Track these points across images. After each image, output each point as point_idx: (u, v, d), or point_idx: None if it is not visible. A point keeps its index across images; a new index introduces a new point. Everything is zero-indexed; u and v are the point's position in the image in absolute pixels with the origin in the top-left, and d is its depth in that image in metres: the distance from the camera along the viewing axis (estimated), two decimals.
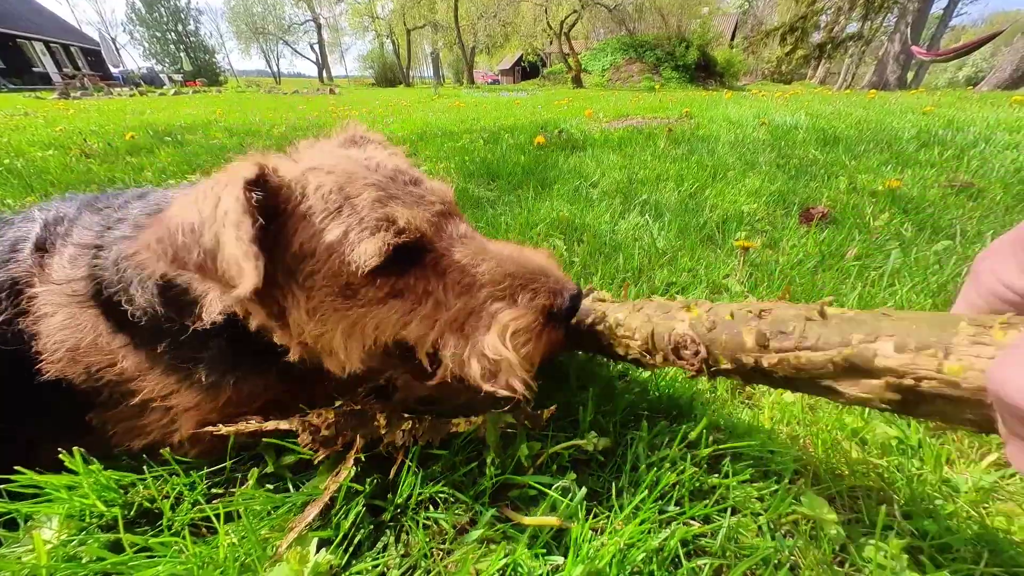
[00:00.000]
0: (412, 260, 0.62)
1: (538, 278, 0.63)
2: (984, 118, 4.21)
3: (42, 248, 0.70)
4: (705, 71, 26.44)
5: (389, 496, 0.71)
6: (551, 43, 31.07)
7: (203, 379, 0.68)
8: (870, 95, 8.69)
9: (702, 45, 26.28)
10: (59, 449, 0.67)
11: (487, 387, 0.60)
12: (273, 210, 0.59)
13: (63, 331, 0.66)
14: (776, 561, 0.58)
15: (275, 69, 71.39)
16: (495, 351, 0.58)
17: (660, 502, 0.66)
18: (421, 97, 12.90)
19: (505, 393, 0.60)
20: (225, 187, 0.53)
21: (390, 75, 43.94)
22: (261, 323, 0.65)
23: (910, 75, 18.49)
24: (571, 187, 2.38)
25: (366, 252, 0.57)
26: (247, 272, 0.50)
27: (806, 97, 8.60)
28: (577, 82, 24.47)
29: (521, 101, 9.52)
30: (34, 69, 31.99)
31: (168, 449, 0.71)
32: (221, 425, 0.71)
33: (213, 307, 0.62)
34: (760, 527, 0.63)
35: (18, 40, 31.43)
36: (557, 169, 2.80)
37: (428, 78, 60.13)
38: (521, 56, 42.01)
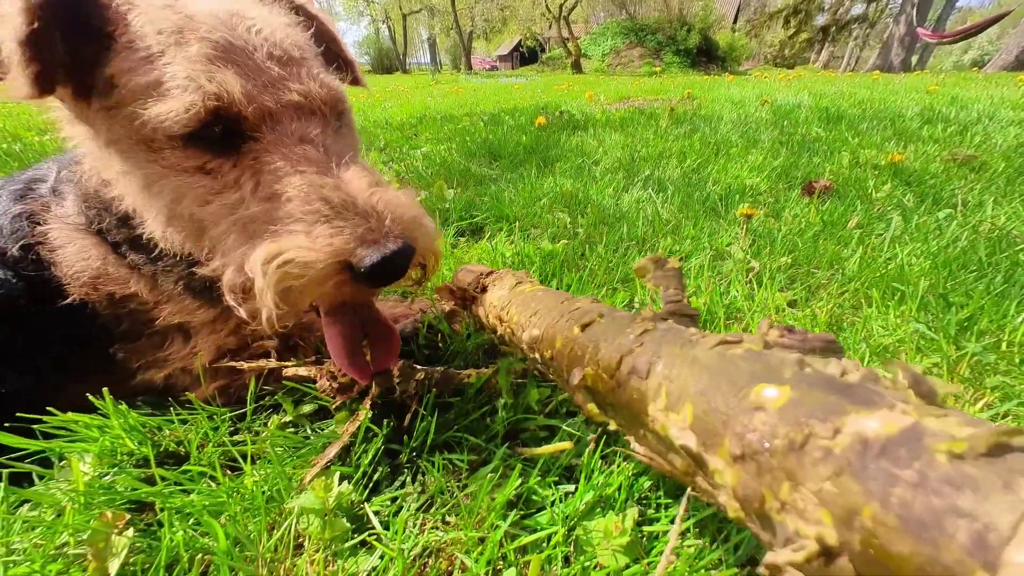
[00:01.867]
0: (231, 143, 0.54)
1: (359, 219, 0.52)
2: (989, 96, 4.18)
3: (57, 191, 0.74)
4: (707, 56, 26.04)
5: (405, 440, 0.74)
6: (550, 27, 30.51)
7: (196, 289, 0.71)
8: (874, 76, 8.58)
9: (704, 29, 25.83)
10: (85, 389, 0.69)
11: (229, 299, 0.55)
12: (101, 24, 0.52)
13: (81, 261, 0.70)
14: None
15: None
16: (251, 269, 0.51)
17: None
18: (419, 83, 12.73)
19: (242, 315, 0.55)
20: None
21: (386, 62, 43.22)
22: (90, 148, 0.61)
23: (915, 58, 18.23)
24: (574, 165, 2.38)
25: (175, 107, 0.49)
26: (17, 73, 0.47)
27: (809, 79, 8.50)
28: (577, 67, 24.11)
29: (520, 86, 9.40)
30: None
31: (189, 392, 0.74)
32: (243, 363, 0.74)
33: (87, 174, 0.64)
34: None
35: None
36: (559, 148, 2.79)
37: (425, 65, 59.11)
38: (519, 41, 41.30)
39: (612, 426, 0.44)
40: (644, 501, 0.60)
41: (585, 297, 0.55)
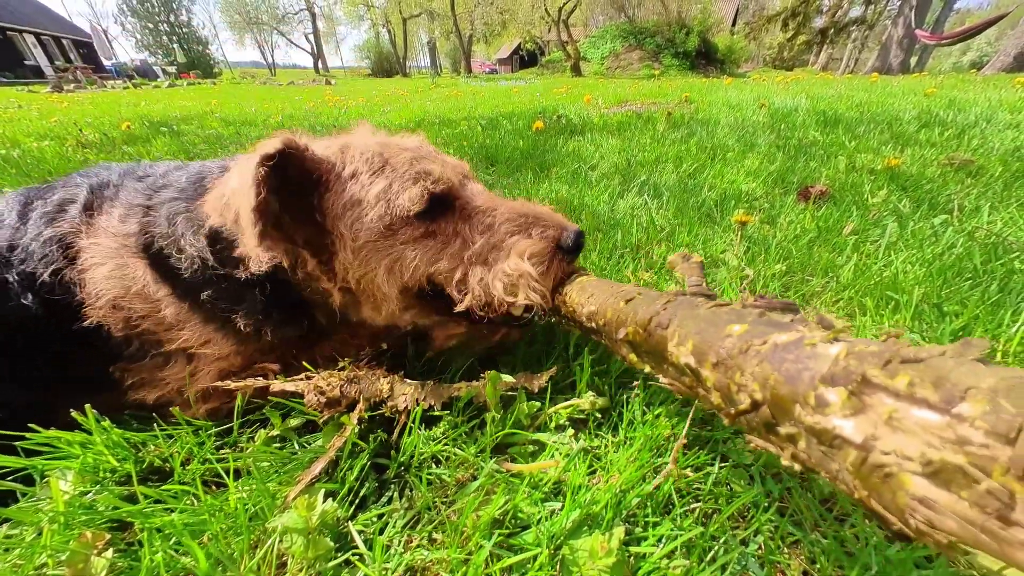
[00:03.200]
0: (443, 207, 0.75)
1: (547, 218, 0.76)
2: (987, 99, 4.18)
3: (89, 208, 0.77)
4: (706, 58, 26.10)
5: (393, 454, 0.73)
6: (549, 31, 30.61)
7: (242, 327, 0.75)
8: (872, 78, 8.60)
9: (703, 31, 25.90)
10: (78, 404, 0.70)
11: (509, 299, 0.71)
12: (311, 177, 0.72)
13: (109, 280, 0.72)
14: (765, 504, 0.61)
15: (270, 60, 70.46)
16: (515, 268, 0.70)
17: (654, 453, 0.68)
18: (418, 87, 12.77)
19: (525, 302, 0.71)
20: (250, 161, 0.62)
21: (386, 65, 43.36)
22: (310, 270, 0.76)
23: (913, 59, 18.26)
24: (570, 170, 2.38)
25: (409, 197, 0.70)
26: (248, 232, 0.61)
27: (807, 81, 8.51)
28: (576, 70, 24.17)
29: (519, 89, 9.42)
30: (26, 62, 31.57)
31: (178, 409, 0.73)
32: (230, 382, 0.74)
33: (255, 258, 0.70)
34: (751, 476, 0.65)
35: (8, 33, 30.99)
36: (556, 153, 2.79)
37: (425, 68, 59.31)
38: (519, 44, 41.44)
39: (647, 369, 0.58)
40: (631, 519, 0.60)
41: (628, 284, 0.68)
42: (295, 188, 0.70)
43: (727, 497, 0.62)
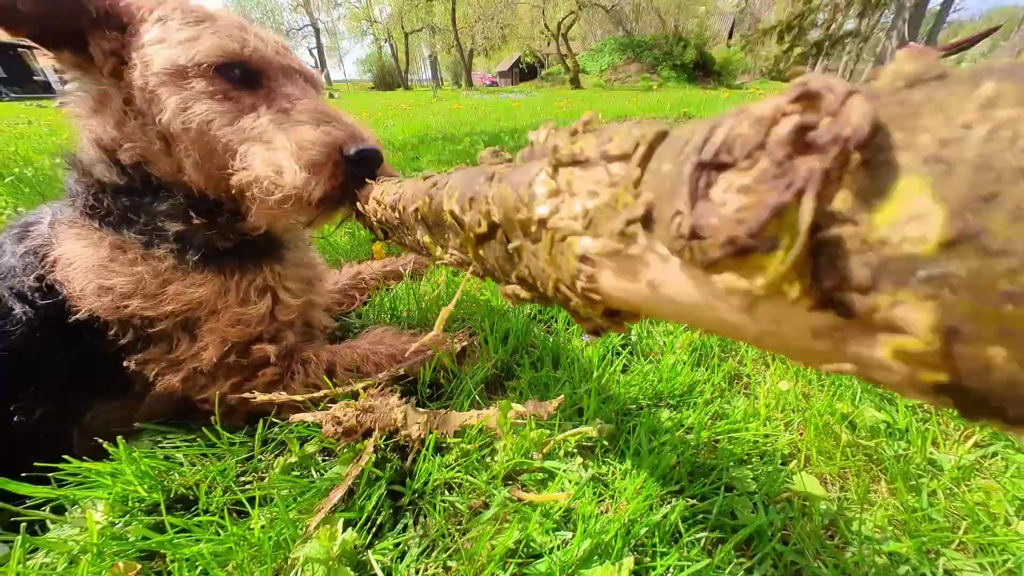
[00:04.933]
0: (250, 81, 0.74)
1: (344, 123, 0.74)
2: None
3: (54, 225, 0.80)
4: (703, 70, 26.53)
5: (407, 482, 0.75)
6: (549, 44, 31.17)
7: (198, 248, 0.78)
8: None
9: (700, 44, 26.37)
10: (101, 408, 0.75)
11: (270, 175, 0.68)
12: (115, 15, 0.70)
13: (87, 272, 0.75)
14: (769, 533, 0.63)
15: None
16: (282, 145, 0.69)
17: (660, 483, 0.70)
18: (420, 100, 12.98)
19: (280, 182, 0.68)
20: None
21: (389, 79, 44.08)
22: (117, 105, 0.74)
23: None
24: None
25: (209, 46, 0.69)
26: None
27: None
28: (575, 83, 24.55)
29: (520, 103, 9.58)
30: (35, 78, 32.18)
31: (207, 392, 0.80)
32: (256, 392, 0.79)
33: (83, 131, 0.76)
34: (755, 504, 0.68)
35: (18, 49, 31.64)
36: None
37: (427, 81, 60.23)
38: (519, 58, 42.15)
39: (437, 252, 0.55)
40: (640, 548, 0.62)
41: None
42: (97, 21, 0.69)
43: (732, 527, 0.64)
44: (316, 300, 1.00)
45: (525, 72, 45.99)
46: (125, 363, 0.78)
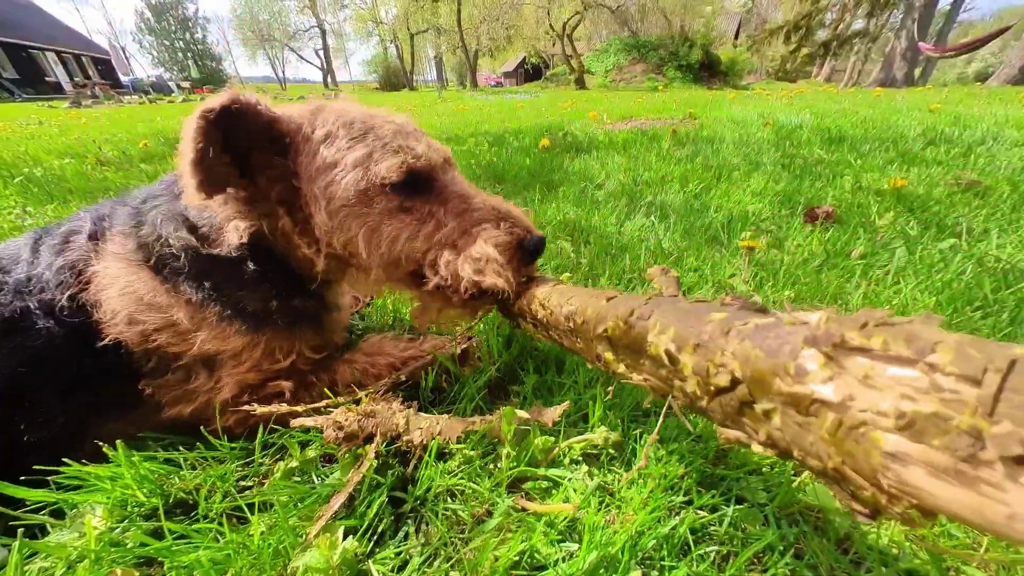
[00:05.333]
0: (421, 186, 0.78)
1: (517, 218, 0.81)
2: (992, 114, 4.19)
3: (94, 238, 0.81)
4: (709, 70, 26.37)
5: (409, 488, 0.74)
6: (554, 45, 31.15)
7: (247, 308, 0.80)
8: (876, 92, 8.64)
9: (705, 44, 26.21)
10: (111, 425, 0.75)
11: (476, 279, 0.74)
12: (276, 138, 0.74)
13: (122, 297, 0.76)
14: (781, 548, 0.61)
15: (280, 75, 72.18)
16: (481, 252, 0.75)
17: (669, 492, 0.69)
18: (425, 101, 13.01)
19: (491, 285, 0.74)
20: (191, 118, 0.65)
21: (394, 80, 44.25)
22: (286, 229, 0.78)
23: (917, 71, 18.32)
24: (577, 189, 2.42)
25: (387, 167, 0.73)
26: (188, 184, 0.66)
27: (811, 95, 8.56)
28: (580, 83, 24.50)
29: (525, 103, 9.57)
30: (47, 79, 32.62)
31: (208, 430, 0.78)
32: (256, 405, 0.78)
33: (232, 230, 0.76)
34: (766, 517, 0.66)
35: (31, 51, 32.09)
36: (563, 171, 2.83)
37: (432, 82, 60.42)
38: (524, 58, 42.15)
39: (621, 368, 0.59)
40: (647, 561, 0.60)
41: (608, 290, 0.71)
42: (261, 146, 0.73)
43: (743, 540, 0.62)
44: (337, 340, 1.01)
45: (530, 73, 46.00)
46: (141, 386, 0.78)
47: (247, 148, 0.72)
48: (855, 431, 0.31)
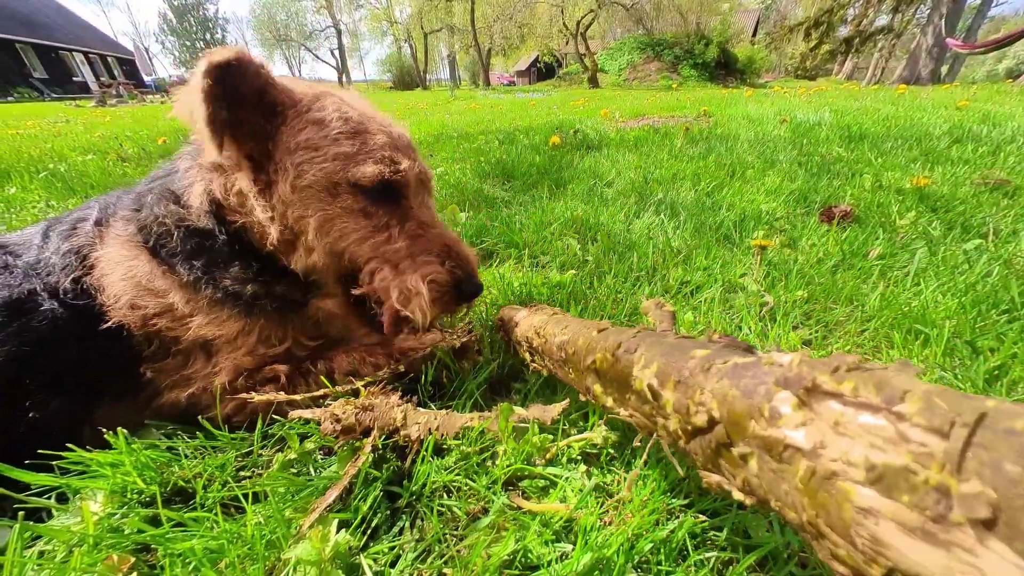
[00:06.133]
0: (388, 197, 0.79)
1: (464, 260, 0.82)
2: None
3: (100, 224, 0.83)
4: (725, 68, 25.92)
5: (405, 483, 0.74)
6: (567, 43, 30.97)
7: (234, 292, 0.80)
8: (900, 90, 8.36)
9: (722, 42, 25.77)
10: (110, 410, 0.76)
11: (397, 306, 0.77)
12: (268, 102, 0.74)
13: (124, 281, 0.78)
14: (785, 556, 0.58)
15: (296, 74, 73.31)
16: (414, 285, 0.76)
17: (668, 495, 0.67)
18: (438, 100, 13.07)
19: (409, 315, 0.77)
20: (199, 70, 0.65)
21: (407, 79, 44.57)
22: (244, 187, 0.77)
23: (944, 68, 17.69)
24: (586, 187, 2.39)
25: (364, 172, 0.74)
26: (207, 142, 0.66)
27: (831, 93, 8.34)
28: (593, 82, 24.31)
29: (536, 102, 9.53)
30: (74, 79, 33.74)
31: (205, 418, 0.79)
32: (253, 393, 0.78)
33: (195, 194, 0.78)
34: (770, 522, 0.63)
35: (60, 52, 33.22)
36: (572, 169, 2.80)
37: (445, 81, 60.69)
38: (537, 57, 42.00)
39: (609, 402, 0.59)
40: (644, 566, 0.58)
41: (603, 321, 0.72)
42: (249, 106, 0.72)
43: (745, 547, 0.60)
44: (334, 333, 1.01)
45: (543, 71, 45.82)
46: (141, 369, 0.80)
47: (240, 107, 0.72)
48: (827, 482, 0.30)
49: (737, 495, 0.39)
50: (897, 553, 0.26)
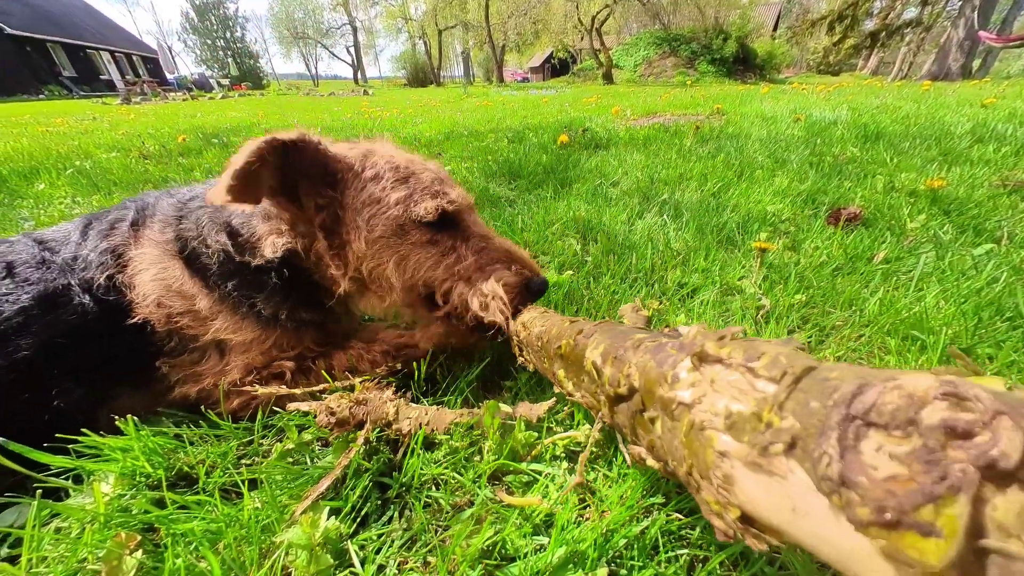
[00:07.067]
0: (449, 225, 0.89)
1: (526, 262, 0.92)
2: None
3: (136, 225, 0.89)
4: (744, 64, 25.33)
5: (395, 475, 0.77)
6: (582, 39, 30.67)
7: (261, 311, 0.87)
8: (924, 86, 8.07)
9: (741, 37, 25.18)
10: (127, 399, 0.83)
11: (481, 314, 0.85)
12: (328, 172, 0.84)
13: (154, 282, 0.84)
14: (755, 555, 0.60)
15: (313, 72, 74.29)
16: (491, 290, 0.85)
17: (646, 495, 0.68)
18: (451, 97, 13.11)
19: (492, 319, 0.85)
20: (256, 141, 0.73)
21: (421, 75, 44.77)
22: (321, 252, 0.87)
23: (976, 63, 16.96)
24: (591, 186, 2.39)
25: (426, 208, 0.84)
26: (221, 184, 0.70)
27: (851, 89, 8.10)
28: (608, 78, 24.04)
29: (549, 99, 9.49)
30: (101, 77, 34.83)
31: (211, 409, 0.85)
32: (258, 386, 0.83)
33: (269, 245, 0.85)
34: None
35: (88, 51, 34.32)
36: (579, 168, 2.80)
37: (459, 77, 60.75)
38: (551, 53, 41.72)
39: (569, 386, 0.66)
40: (617, 560, 0.60)
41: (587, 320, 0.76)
42: (313, 178, 0.82)
43: (717, 545, 0.62)
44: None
45: (557, 68, 45.50)
46: (157, 363, 0.85)
47: (299, 176, 0.81)
48: (700, 433, 0.34)
49: (651, 462, 0.43)
50: (740, 492, 0.30)
